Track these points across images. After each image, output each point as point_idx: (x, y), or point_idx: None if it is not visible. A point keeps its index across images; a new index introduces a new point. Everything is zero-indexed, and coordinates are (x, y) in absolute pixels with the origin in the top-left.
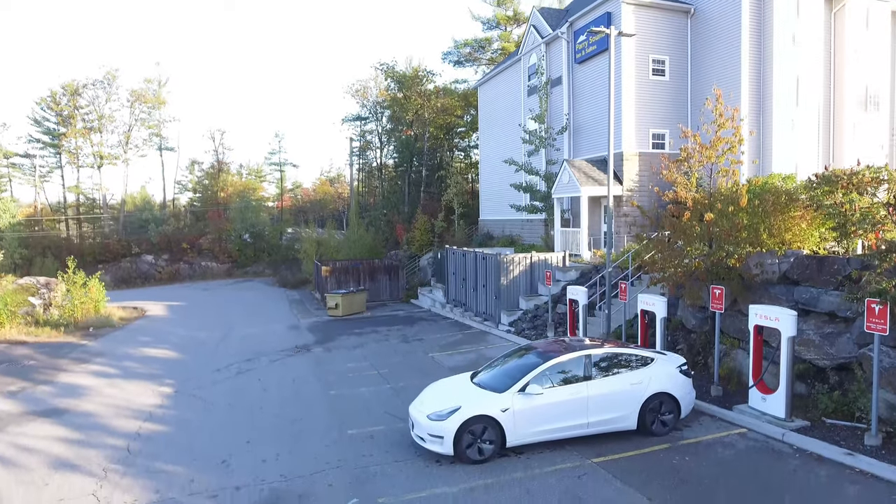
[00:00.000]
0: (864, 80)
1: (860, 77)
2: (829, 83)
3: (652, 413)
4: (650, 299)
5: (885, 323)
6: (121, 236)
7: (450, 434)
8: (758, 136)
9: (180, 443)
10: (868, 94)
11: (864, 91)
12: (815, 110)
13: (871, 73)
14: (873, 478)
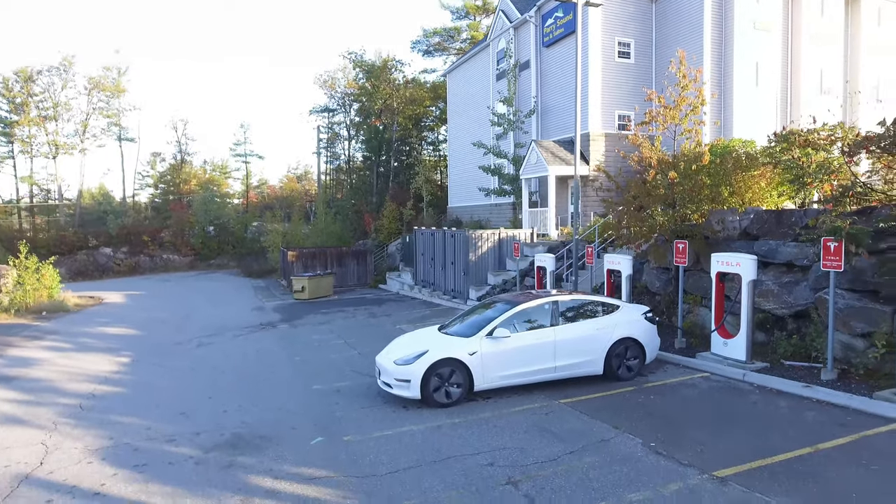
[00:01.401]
0: (819, 65)
1: (816, 63)
2: (786, 68)
3: (618, 358)
4: (616, 258)
5: (840, 259)
6: (77, 228)
7: (417, 377)
8: (720, 116)
9: (137, 400)
10: (822, 79)
11: (819, 76)
12: (774, 94)
13: (826, 59)
14: (829, 405)
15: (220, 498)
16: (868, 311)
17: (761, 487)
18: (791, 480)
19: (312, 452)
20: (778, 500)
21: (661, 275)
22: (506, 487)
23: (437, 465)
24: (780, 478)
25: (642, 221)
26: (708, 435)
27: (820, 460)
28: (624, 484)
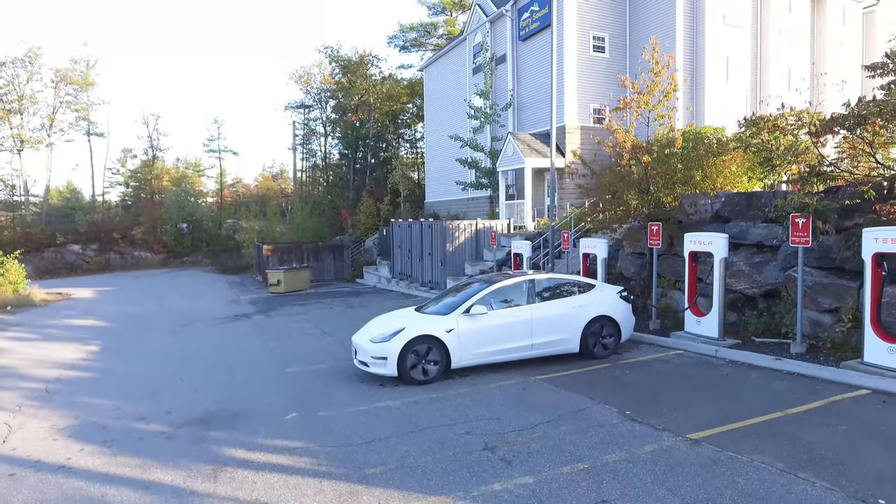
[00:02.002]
0: (787, 62)
1: (784, 59)
2: (755, 63)
3: (594, 336)
4: (591, 242)
5: (808, 235)
6: (44, 226)
7: (393, 355)
8: (693, 108)
9: (105, 383)
10: (790, 75)
11: (788, 72)
12: (744, 88)
13: (794, 55)
14: (799, 376)
15: (191, 468)
16: (835, 287)
17: (733, 447)
18: (762, 440)
19: (286, 426)
20: (750, 458)
21: (636, 260)
22: (483, 453)
23: (414, 434)
24: (751, 438)
25: (617, 205)
26: (681, 403)
27: (790, 423)
28: (599, 447)
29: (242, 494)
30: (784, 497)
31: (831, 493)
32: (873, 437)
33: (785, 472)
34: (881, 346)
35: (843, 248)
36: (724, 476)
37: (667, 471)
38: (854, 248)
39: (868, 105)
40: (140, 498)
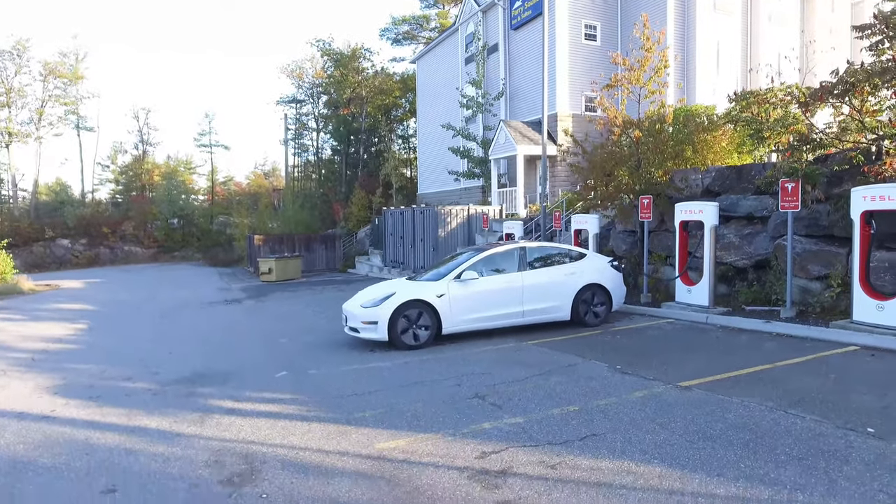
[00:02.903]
0: (776, 48)
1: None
2: (745, 50)
3: (585, 304)
4: (583, 218)
5: (797, 200)
6: (33, 219)
7: (384, 319)
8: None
9: (93, 353)
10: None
11: (777, 59)
12: (734, 74)
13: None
14: (788, 336)
15: (177, 415)
16: (824, 254)
17: (723, 391)
18: (751, 386)
19: (276, 383)
20: (739, 399)
21: (627, 238)
22: (473, 400)
23: (404, 388)
24: (741, 385)
25: (608, 182)
26: (672, 360)
27: (779, 372)
28: (590, 394)
29: (229, 435)
30: (773, 428)
31: (820, 424)
32: (862, 382)
33: (774, 410)
34: (870, 303)
35: (833, 210)
36: (714, 413)
37: (657, 411)
38: (843, 209)
39: (856, 72)
40: (125, 440)
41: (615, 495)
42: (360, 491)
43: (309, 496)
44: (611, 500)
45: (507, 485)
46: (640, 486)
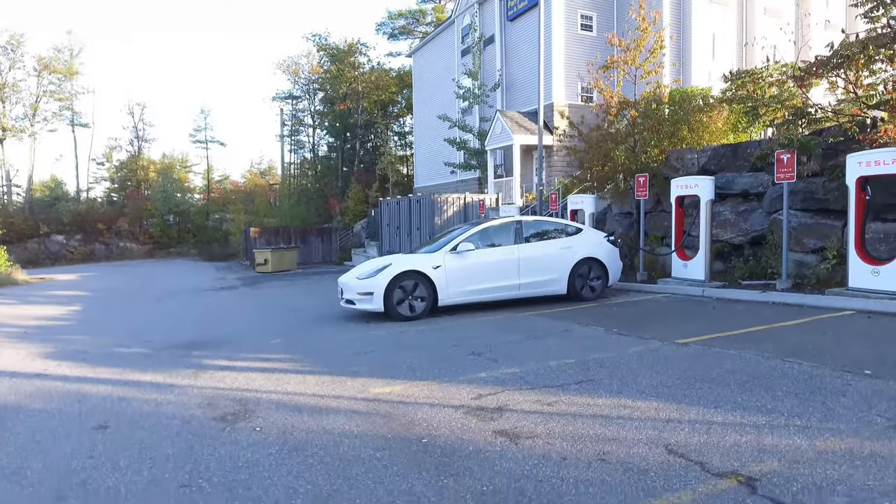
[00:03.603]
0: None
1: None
2: (741, 41)
3: (581, 278)
4: (579, 198)
5: (793, 170)
6: (27, 216)
7: (380, 289)
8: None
9: (86, 328)
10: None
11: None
12: (729, 66)
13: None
14: (784, 305)
15: (171, 371)
16: (820, 227)
17: (719, 346)
18: (748, 342)
19: (270, 347)
20: (736, 352)
21: (623, 219)
22: (469, 356)
23: (400, 349)
24: (737, 341)
25: (604, 162)
26: (668, 324)
27: (775, 331)
28: (586, 350)
29: (223, 385)
30: (770, 373)
31: (817, 368)
32: (858, 338)
33: (771, 359)
34: (865, 269)
35: (828, 181)
36: (710, 362)
37: (654, 362)
38: (839, 180)
39: (851, 45)
40: (117, 390)
41: (612, 424)
42: (354, 424)
43: (303, 429)
44: (607, 428)
45: (503, 418)
46: (636, 416)
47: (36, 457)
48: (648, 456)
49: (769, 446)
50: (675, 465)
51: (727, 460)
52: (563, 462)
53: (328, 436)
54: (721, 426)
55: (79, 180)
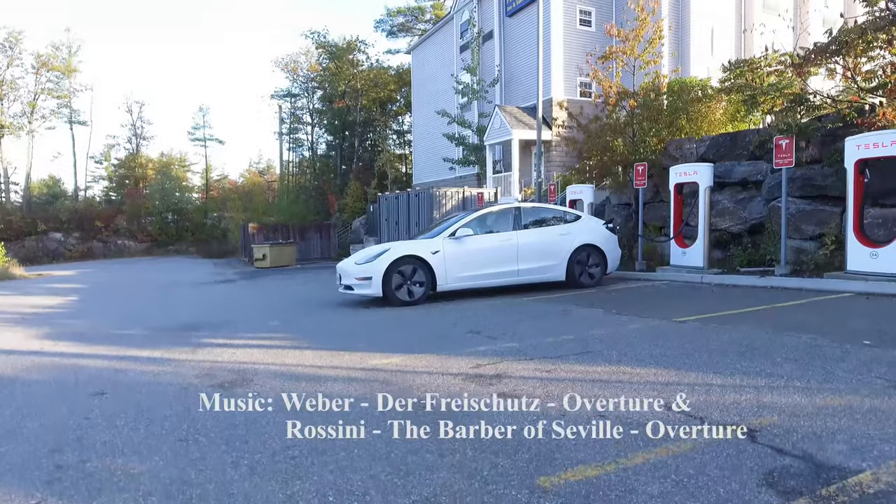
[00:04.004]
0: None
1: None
2: (739, 35)
3: (580, 265)
4: (578, 188)
5: (791, 155)
6: (25, 213)
7: (378, 274)
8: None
9: (83, 314)
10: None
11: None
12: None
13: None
14: (783, 289)
15: (169, 348)
16: (819, 214)
17: (717, 323)
18: (746, 319)
19: (268, 328)
20: (732, 326)
21: (622, 210)
22: (468, 334)
23: (398, 328)
24: (735, 319)
25: (603, 152)
26: (667, 306)
27: (774, 311)
28: (585, 328)
29: (221, 359)
30: (769, 344)
31: (816, 340)
32: (857, 315)
33: (770, 332)
34: (864, 252)
35: (827, 166)
36: (709, 336)
37: (652, 337)
38: (837, 164)
39: (849, 31)
40: (115, 364)
41: (610, 387)
42: (352, 389)
43: (299, 393)
44: (606, 390)
45: (501, 383)
46: (635, 381)
47: (32, 418)
48: (647, 413)
49: (768, 403)
50: (675, 419)
51: (727, 415)
52: (562, 418)
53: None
54: (720, 387)
55: (77, 178)
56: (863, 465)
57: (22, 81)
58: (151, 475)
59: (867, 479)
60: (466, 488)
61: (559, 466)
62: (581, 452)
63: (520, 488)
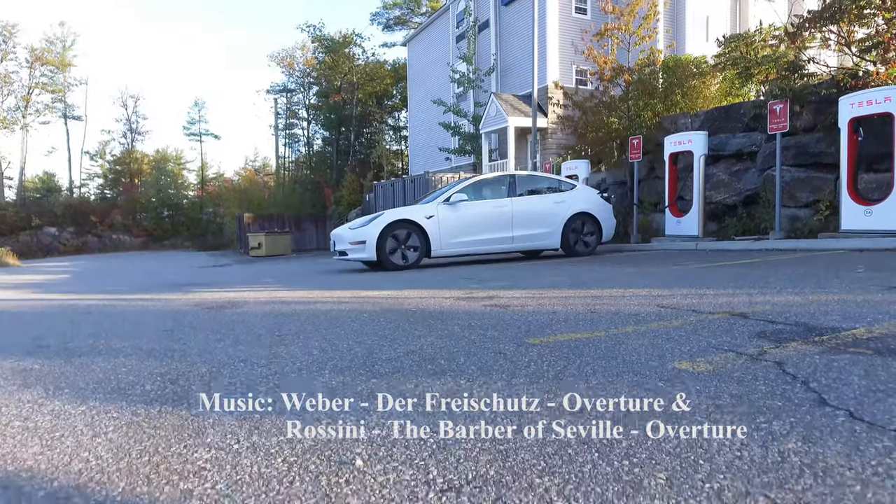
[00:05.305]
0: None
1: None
2: (735, 25)
3: (575, 233)
4: (573, 164)
5: (786, 120)
6: (19, 208)
7: (372, 238)
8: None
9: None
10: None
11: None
12: None
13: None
14: (777, 250)
15: (160, 294)
16: (812, 181)
17: (712, 269)
18: (738, 268)
19: (261, 283)
20: (724, 271)
21: (617, 189)
22: (461, 279)
23: (392, 281)
24: (731, 268)
25: (598, 128)
26: (663, 263)
27: (768, 264)
28: (578, 275)
29: (212, 297)
30: (763, 276)
31: (809, 271)
32: (849, 261)
33: (763, 270)
34: (858, 210)
35: (821, 129)
36: (703, 274)
37: (647, 276)
38: (831, 123)
39: None
40: (105, 303)
41: (602, 299)
42: (342, 307)
43: (289, 311)
44: (597, 301)
45: (492, 301)
46: (627, 296)
47: (26, 329)
48: (639, 309)
49: (760, 301)
50: (667, 312)
51: (718, 308)
52: (553, 314)
53: (314, 309)
54: (713, 296)
55: (71, 174)
56: (856, 326)
57: (16, 76)
58: (134, 348)
59: (860, 333)
60: (459, 345)
61: (548, 334)
62: (572, 326)
63: (509, 344)
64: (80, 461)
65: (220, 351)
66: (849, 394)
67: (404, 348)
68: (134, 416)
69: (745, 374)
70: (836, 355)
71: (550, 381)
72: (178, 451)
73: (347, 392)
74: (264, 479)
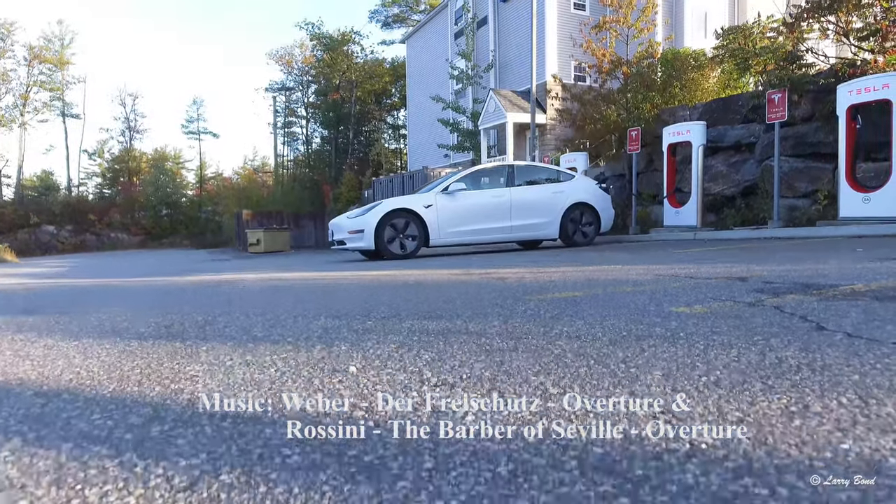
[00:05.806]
0: None
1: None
2: (733, 20)
3: (573, 224)
4: (572, 156)
5: (784, 109)
6: (17, 206)
7: (371, 226)
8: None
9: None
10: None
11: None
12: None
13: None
14: (775, 238)
15: (157, 277)
16: (811, 171)
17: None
18: (736, 251)
19: (260, 270)
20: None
21: (616, 182)
22: (459, 264)
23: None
24: (727, 252)
25: (596, 121)
26: (659, 250)
27: (766, 248)
28: (579, 261)
29: (210, 279)
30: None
31: (809, 252)
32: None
33: (760, 253)
34: (856, 197)
35: (819, 117)
36: (701, 256)
37: (645, 259)
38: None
39: None
40: (103, 284)
41: (599, 273)
42: (340, 283)
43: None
44: (595, 274)
45: (490, 275)
46: (625, 270)
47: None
48: (637, 278)
49: (759, 270)
50: (664, 278)
51: (715, 275)
52: (551, 282)
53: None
54: (710, 267)
55: (69, 172)
56: (855, 283)
57: (14, 74)
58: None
59: (859, 287)
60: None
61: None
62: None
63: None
64: (70, 374)
65: (217, 307)
66: (847, 323)
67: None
68: (127, 346)
69: (742, 312)
70: (834, 301)
71: (547, 321)
72: (170, 367)
73: (343, 330)
74: (255, 382)
